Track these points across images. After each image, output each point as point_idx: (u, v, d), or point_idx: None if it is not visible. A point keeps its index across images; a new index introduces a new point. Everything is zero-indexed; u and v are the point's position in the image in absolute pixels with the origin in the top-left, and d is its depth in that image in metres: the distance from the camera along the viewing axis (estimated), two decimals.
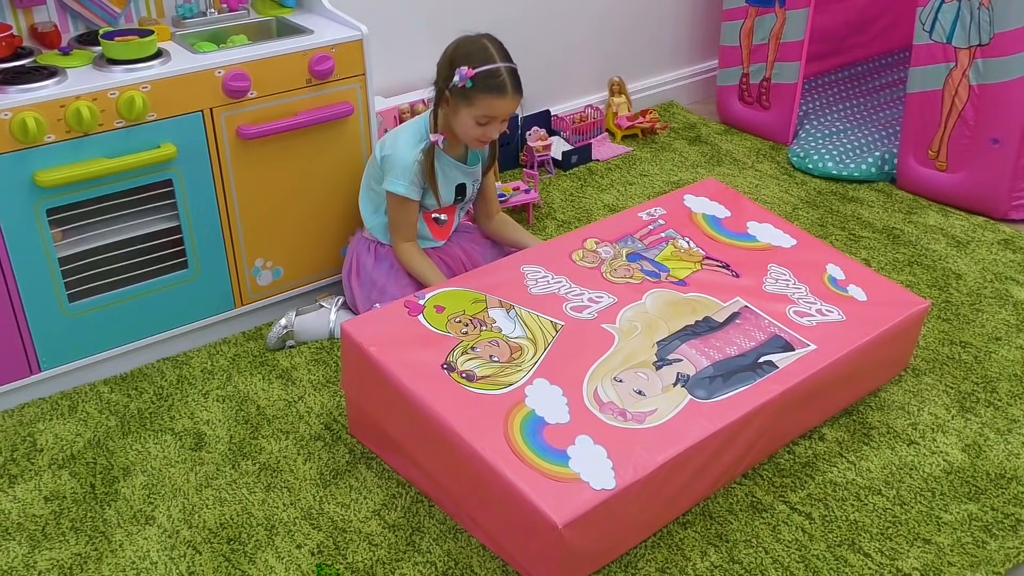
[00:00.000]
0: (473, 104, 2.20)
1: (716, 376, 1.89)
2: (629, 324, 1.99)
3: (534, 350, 1.89)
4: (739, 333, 2.01)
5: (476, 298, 2.02)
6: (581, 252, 2.19)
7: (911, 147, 3.19)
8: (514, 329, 1.94)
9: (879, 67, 4.12)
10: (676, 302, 2.08)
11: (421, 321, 1.95)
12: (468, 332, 1.92)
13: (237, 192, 2.34)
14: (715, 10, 3.83)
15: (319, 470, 2.04)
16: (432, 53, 3.19)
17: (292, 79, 2.32)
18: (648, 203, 2.43)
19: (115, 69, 2.14)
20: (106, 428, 2.17)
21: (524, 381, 1.82)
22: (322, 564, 1.78)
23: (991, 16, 2.84)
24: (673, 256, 2.22)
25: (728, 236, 2.33)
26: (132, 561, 1.82)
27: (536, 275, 2.11)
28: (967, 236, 2.95)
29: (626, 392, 1.83)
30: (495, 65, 2.18)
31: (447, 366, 1.84)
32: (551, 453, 1.69)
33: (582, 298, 2.05)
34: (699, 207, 2.42)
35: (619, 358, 1.90)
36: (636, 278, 2.12)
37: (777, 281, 2.19)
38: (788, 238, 2.36)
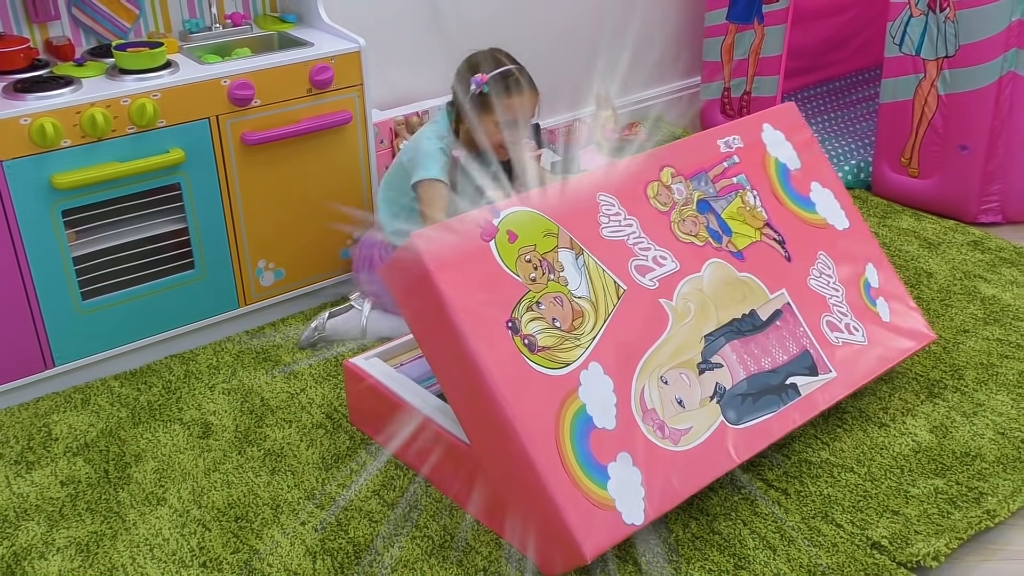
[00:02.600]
0: (493, 109, 2.29)
1: (747, 395, 1.99)
2: (684, 304, 2.02)
3: (594, 319, 1.88)
4: (776, 340, 2.10)
5: (549, 229, 1.93)
6: (656, 186, 2.13)
7: (885, 155, 3.33)
8: (580, 284, 1.91)
9: (856, 83, 4.28)
10: (731, 282, 2.12)
11: (492, 250, 1.83)
12: (536, 279, 1.86)
13: (241, 196, 2.46)
14: (697, 27, 3.99)
15: (321, 455, 2.15)
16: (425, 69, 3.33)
17: (293, 88, 2.45)
18: (727, 127, 2.36)
19: (127, 78, 2.27)
20: (118, 419, 2.27)
21: (580, 363, 1.82)
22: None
23: (956, 29, 2.99)
24: (738, 214, 2.22)
25: (791, 198, 2.33)
26: (145, 538, 1.93)
27: (610, 210, 2.04)
28: (938, 238, 3.09)
29: (668, 399, 1.89)
30: (507, 67, 2.30)
31: (511, 324, 1.79)
32: (594, 468, 1.74)
33: (648, 255, 2.03)
34: (774, 147, 2.37)
35: (669, 350, 1.94)
36: (700, 238, 2.12)
37: (821, 275, 2.26)
38: (843, 217, 2.39)
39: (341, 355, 2.49)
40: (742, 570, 1.82)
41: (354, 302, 2.57)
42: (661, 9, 3.97)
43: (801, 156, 2.40)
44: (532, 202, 1.94)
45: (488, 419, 1.75)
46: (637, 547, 1.86)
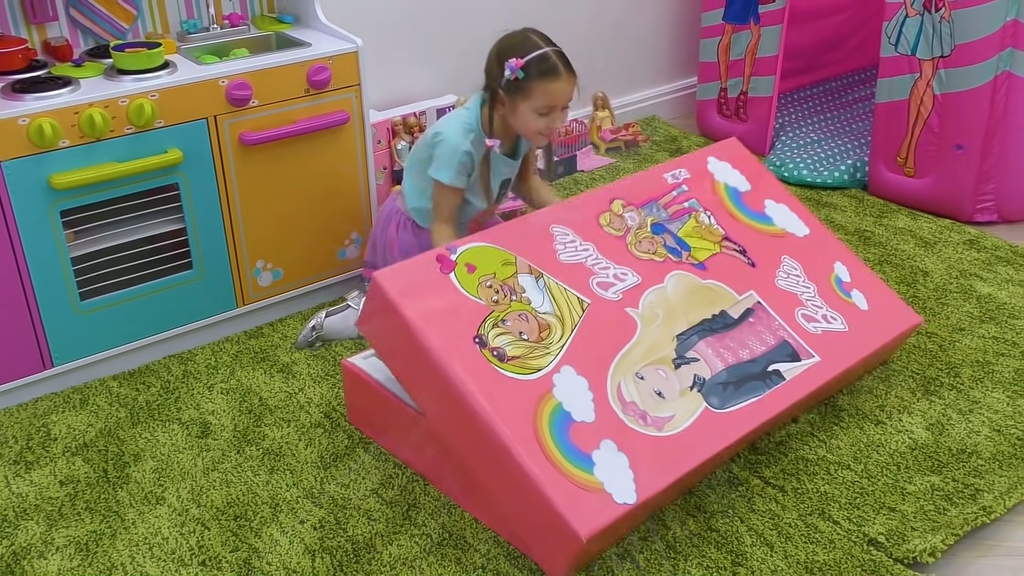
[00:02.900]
0: (530, 95, 2.17)
1: (729, 383, 1.99)
2: (651, 311, 2.05)
3: (561, 331, 1.93)
4: (751, 335, 2.11)
5: (507, 259, 2.01)
6: (608, 216, 2.20)
7: (881, 155, 3.34)
8: (543, 303, 1.96)
9: (852, 83, 4.29)
10: (695, 289, 2.15)
11: (453, 281, 1.93)
12: (499, 301, 1.93)
13: (239, 196, 2.46)
14: (694, 28, 4.00)
15: (319, 454, 2.15)
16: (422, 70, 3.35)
17: (291, 89, 2.46)
18: (672, 163, 2.43)
19: (125, 79, 2.27)
20: (116, 419, 2.28)
21: (552, 368, 1.86)
22: None
23: (952, 29, 3.00)
24: (694, 232, 2.26)
25: (747, 215, 2.39)
26: (145, 536, 1.93)
27: (565, 238, 2.11)
28: (934, 237, 3.10)
29: (647, 392, 1.90)
30: (543, 50, 2.18)
31: (479, 340, 1.85)
32: (577, 456, 1.75)
33: (608, 273, 2.08)
34: (721, 175, 2.45)
35: (641, 350, 1.97)
36: (659, 255, 2.17)
37: (789, 276, 2.28)
38: (802, 225, 2.43)
39: (339, 354, 2.50)
40: (740, 567, 1.83)
41: (350, 301, 2.58)
42: (658, 10, 3.98)
43: (750, 180, 2.48)
44: (487, 237, 2.04)
45: (468, 428, 1.79)
46: (635, 544, 1.87)
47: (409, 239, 2.44)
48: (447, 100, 3.30)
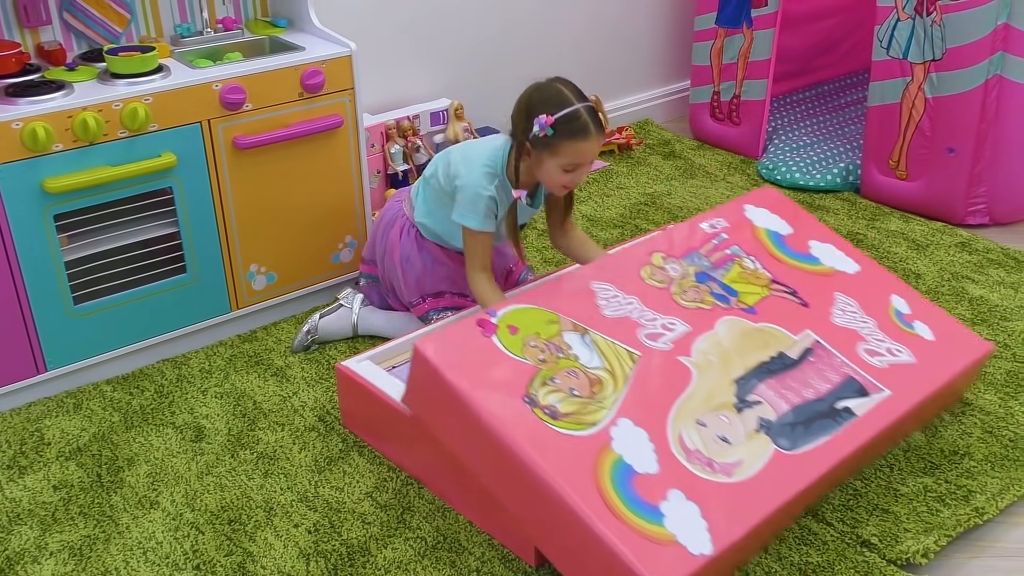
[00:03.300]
0: (558, 152, 2.11)
1: (797, 423, 1.88)
2: (704, 358, 1.96)
3: (613, 384, 1.85)
4: (813, 373, 2.01)
5: (549, 319, 1.95)
6: (649, 269, 2.13)
7: (873, 158, 3.36)
8: (591, 358, 1.89)
9: (844, 86, 4.31)
10: (749, 333, 2.06)
11: (496, 343, 1.86)
12: (546, 360, 1.85)
13: (233, 200, 2.46)
14: (687, 31, 4.01)
15: (314, 458, 2.15)
16: (416, 73, 3.36)
17: (285, 92, 2.46)
18: (709, 213, 2.38)
19: (119, 83, 2.27)
20: (110, 423, 2.27)
21: (608, 421, 1.77)
22: None
23: (943, 33, 3.02)
24: (740, 278, 2.19)
25: (792, 256, 2.31)
26: (139, 541, 1.93)
27: (607, 294, 2.04)
28: (926, 240, 3.11)
29: (710, 438, 1.81)
30: (574, 107, 2.09)
31: (528, 399, 1.77)
32: (644, 508, 1.65)
33: (655, 324, 2.00)
34: (761, 220, 2.39)
35: (699, 397, 1.88)
36: (707, 303, 2.09)
37: (844, 312, 2.18)
38: (851, 263, 2.35)
39: (333, 358, 2.50)
40: (735, 568, 1.83)
41: (342, 300, 2.58)
42: (651, 13, 3.99)
43: (791, 223, 2.40)
44: (527, 298, 1.98)
45: (528, 490, 1.69)
46: None
47: (410, 247, 2.44)
48: (441, 104, 3.31)
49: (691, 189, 3.50)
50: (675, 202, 3.39)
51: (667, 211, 3.32)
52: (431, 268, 2.43)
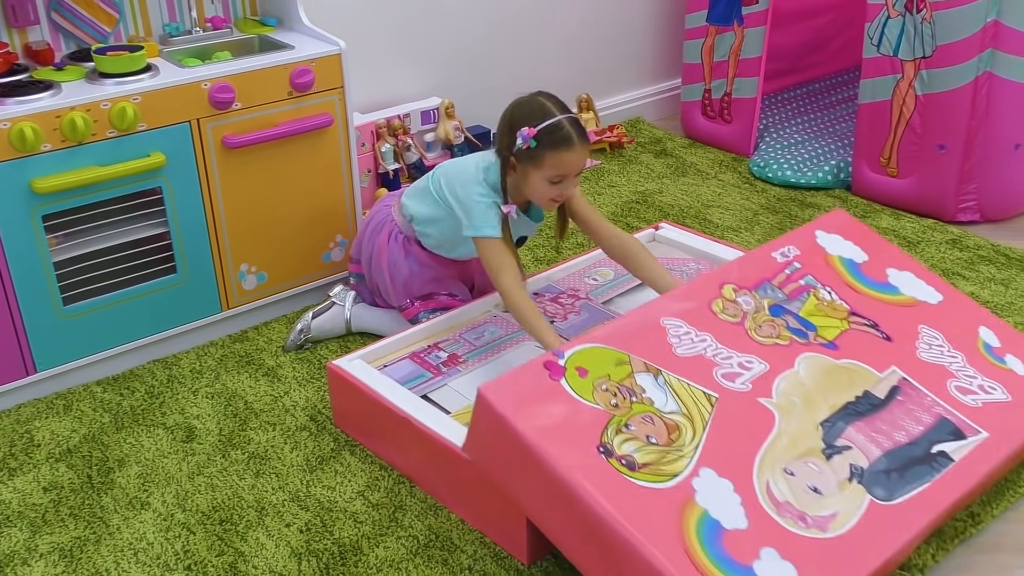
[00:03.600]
0: (542, 164, 2.11)
1: (891, 470, 1.78)
2: (787, 399, 1.85)
3: (692, 430, 1.74)
4: (903, 414, 1.90)
5: (619, 359, 1.84)
6: (721, 302, 2.03)
7: (864, 155, 3.36)
8: (667, 402, 1.78)
9: (835, 84, 4.31)
10: (831, 371, 1.95)
11: (565, 387, 1.75)
12: (619, 405, 1.74)
13: (223, 199, 2.46)
14: (678, 29, 4.02)
15: (305, 457, 2.15)
16: (407, 72, 3.35)
17: (274, 91, 2.45)
18: (779, 240, 2.26)
19: (107, 82, 2.26)
20: (100, 424, 2.26)
21: (690, 471, 1.66)
22: None
23: (933, 30, 3.02)
24: (817, 311, 2.08)
25: (870, 286, 2.20)
26: (130, 542, 1.92)
27: (678, 331, 1.94)
28: (918, 237, 3.12)
29: (800, 489, 1.69)
30: (556, 118, 2.09)
31: (603, 449, 1.65)
32: (737, 569, 1.54)
33: (731, 362, 1.90)
34: (834, 247, 2.28)
35: (784, 443, 1.77)
36: (784, 338, 1.98)
37: (931, 347, 2.07)
38: (933, 292, 2.23)
39: (324, 357, 2.49)
40: None
41: (334, 298, 2.58)
42: (641, 11, 3.99)
43: (866, 250, 2.30)
44: (595, 337, 1.88)
45: (608, 551, 1.58)
46: None
47: (397, 252, 2.42)
48: (432, 102, 3.30)
49: (682, 187, 3.50)
50: (666, 200, 3.39)
51: (659, 209, 3.32)
52: (418, 272, 2.42)
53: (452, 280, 2.48)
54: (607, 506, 1.55)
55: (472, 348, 2.29)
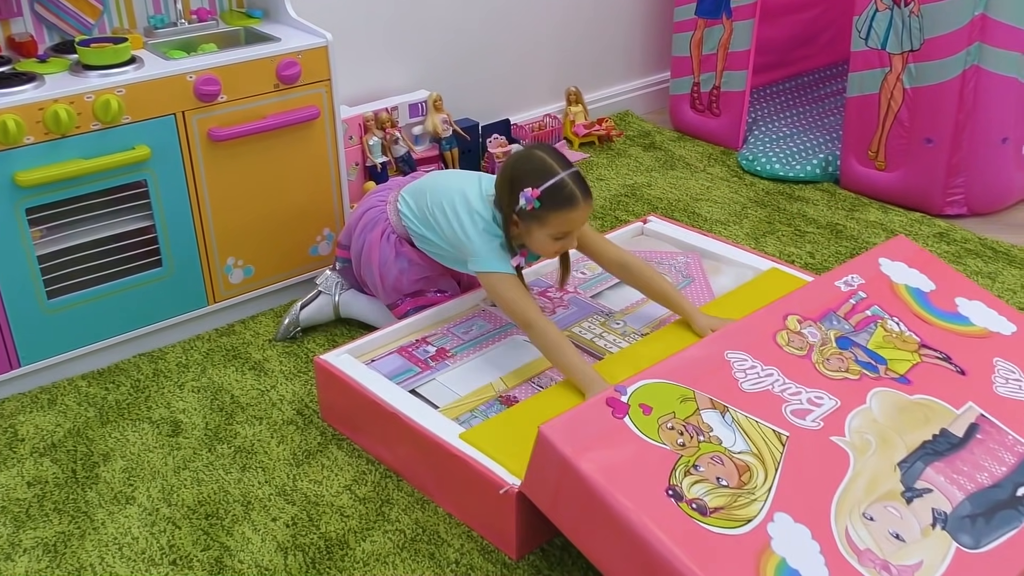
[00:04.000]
0: (546, 224, 2.07)
1: (976, 515, 1.68)
2: (860, 437, 1.78)
3: (764, 471, 1.67)
4: (985, 453, 1.80)
5: (684, 395, 1.78)
6: (786, 335, 1.97)
7: (852, 148, 3.36)
8: (735, 441, 1.71)
9: (824, 77, 4.31)
10: (905, 407, 1.87)
11: (629, 426, 1.68)
12: (686, 444, 1.68)
13: (209, 192, 2.44)
14: (666, 22, 4.01)
15: (292, 451, 2.14)
16: (393, 65, 3.33)
17: (260, 84, 2.44)
18: (842, 268, 2.20)
19: (91, 74, 2.24)
20: (85, 419, 2.25)
21: (764, 516, 1.58)
22: None
23: (921, 23, 3.03)
24: (886, 343, 2.01)
25: (939, 317, 2.12)
26: (114, 537, 1.91)
27: (743, 365, 1.88)
28: (905, 230, 3.12)
29: (882, 535, 1.60)
30: (558, 177, 2.04)
31: (672, 492, 1.59)
32: None
33: (800, 398, 1.83)
34: (899, 276, 2.21)
35: (861, 485, 1.68)
36: (853, 372, 1.91)
37: (1008, 381, 1.98)
38: (1006, 323, 2.14)
39: (312, 351, 2.49)
40: None
41: (321, 287, 2.57)
42: (630, 4, 3.98)
43: (932, 278, 2.23)
44: (657, 372, 1.82)
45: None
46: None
47: (389, 251, 2.40)
48: (420, 95, 3.29)
49: (671, 180, 3.50)
50: (655, 193, 3.39)
51: (647, 202, 3.32)
52: (408, 270, 2.41)
53: (442, 277, 2.47)
54: (680, 554, 1.48)
55: (460, 342, 2.28)
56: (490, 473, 1.81)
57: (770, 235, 3.09)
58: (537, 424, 1.86)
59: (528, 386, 2.12)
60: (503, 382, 2.13)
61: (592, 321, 2.34)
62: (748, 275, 2.54)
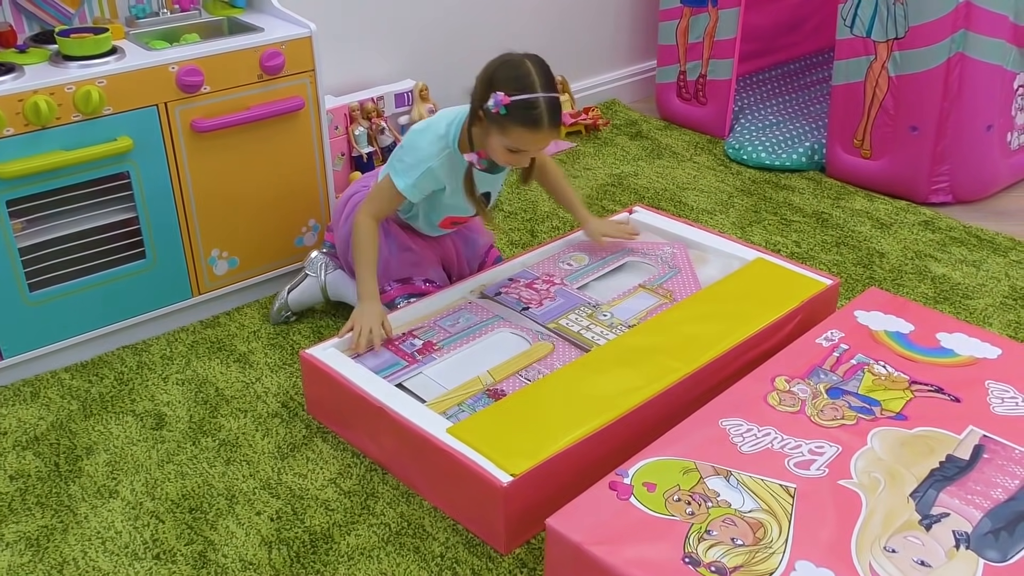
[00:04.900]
0: (506, 133, 2.06)
1: (999, 529, 1.69)
2: (868, 477, 1.79)
3: (778, 525, 1.68)
4: (995, 470, 1.82)
5: (685, 467, 1.79)
6: (776, 395, 2.00)
7: (838, 137, 3.36)
8: (744, 501, 1.72)
9: (810, 65, 4.31)
10: (907, 441, 1.88)
11: (636, 504, 1.70)
12: (695, 512, 1.69)
13: (192, 184, 2.42)
14: (652, 11, 4.00)
15: (277, 444, 2.13)
16: (378, 55, 3.31)
17: (244, 74, 2.42)
18: (820, 327, 2.22)
19: (71, 65, 2.22)
20: (68, 412, 2.24)
21: (785, 567, 1.59)
22: None
23: (906, 11, 3.02)
24: (876, 385, 2.03)
25: (924, 354, 2.14)
26: (97, 531, 1.90)
27: (739, 429, 1.90)
28: (890, 219, 3.13)
29: (907, 565, 1.60)
30: (534, 95, 2.02)
31: (689, 559, 1.59)
32: None
33: (802, 451, 1.84)
34: (877, 324, 2.24)
35: (877, 521, 1.69)
36: (849, 418, 1.93)
37: (1004, 401, 2.01)
38: (990, 347, 2.17)
39: (297, 343, 2.48)
40: None
41: (308, 269, 2.56)
42: None
43: (910, 320, 2.26)
44: (655, 450, 1.84)
45: None
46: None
47: (393, 234, 2.42)
48: (405, 85, 3.27)
49: (658, 169, 3.49)
50: (642, 183, 3.38)
51: (634, 192, 3.31)
52: (397, 255, 2.41)
53: (431, 265, 2.46)
54: None
55: (447, 335, 2.27)
56: (478, 467, 1.80)
57: (756, 224, 3.09)
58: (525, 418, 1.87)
59: (515, 379, 2.11)
60: (490, 375, 2.13)
61: (579, 313, 2.34)
62: (734, 265, 2.54)
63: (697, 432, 1.89)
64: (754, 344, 2.22)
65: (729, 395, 2.01)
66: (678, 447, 1.85)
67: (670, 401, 2.05)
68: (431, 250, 2.47)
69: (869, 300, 2.34)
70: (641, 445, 1.86)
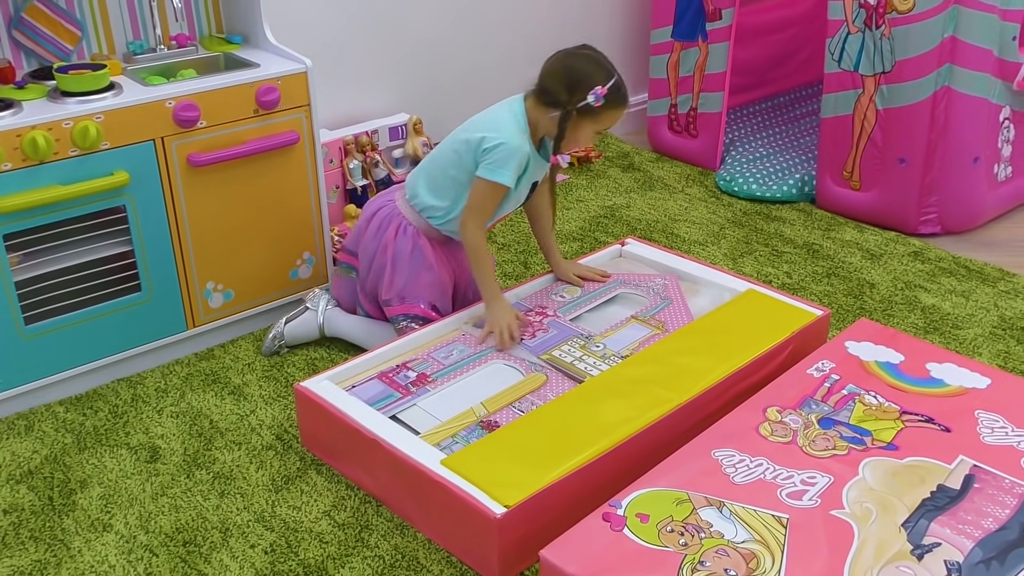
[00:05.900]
0: (600, 119, 2.28)
1: (990, 559, 1.70)
2: (860, 507, 1.80)
3: (771, 555, 1.69)
4: (985, 500, 1.83)
5: (678, 498, 1.81)
6: (768, 426, 2.02)
7: (828, 169, 3.40)
8: (736, 532, 1.74)
9: (799, 98, 4.37)
10: (898, 472, 1.90)
11: (629, 536, 1.72)
12: (688, 543, 1.71)
13: (188, 218, 2.44)
14: (643, 45, 4.05)
15: (271, 477, 2.13)
16: (372, 89, 3.35)
17: (240, 109, 2.44)
18: (810, 358, 2.26)
19: (69, 101, 2.25)
20: (63, 445, 2.24)
21: None
22: None
23: (892, 45, 3.07)
24: (867, 416, 2.05)
25: (914, 384, 2.17)
26: (91, 565, 1.90)
27: (732, 460, 1.91)
28: (880, 249, 3.16)
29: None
30: (617, 77, 2.27)
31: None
32: None
33: (794, 481, 1.86)
34: (867, 354, 2.27)
35: (869, 551, 1.70)
36: (841, 448, 1.95)
37: (994, 431, 2.02)
38: (980, 377, 2.19)
39: (292, 376, 2.49)
40: None
41: (308, 303, 2.58)
42: (607, 28, 4.02)
43: (899, 350, 2.29)
44: (648, 481, 1.86)
45: None
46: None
47: (405, 246, 2.44)
48: (399, 119, 3.31)
49: (650, 201, 3.53)
50: (634, 215, 3.42)
51: (626, 223, 3.34)
52: (417, 272, 2.44)
53: (443, 291, 2.50)
54: None
55: (441, 367, 2.29)
56: (472, 499, 1.81)
57: (748, 255, 3.12)
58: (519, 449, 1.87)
59: (509, 411, 2.13)
60: (484, 407, 2.14)
61: (572, 344, 2.36)
62: (726, 296, 2.56)
63: (690, 463, 1.91)
64: (746, 375, 2.24)
65: (721, 426, 2.03)
66: (671, 478, 1.86)
67: (663, 432, 2.06)
68: (447, 271, 2.50)
69: (860, 331, 2.37)
70: (634, 476, 1.87)
